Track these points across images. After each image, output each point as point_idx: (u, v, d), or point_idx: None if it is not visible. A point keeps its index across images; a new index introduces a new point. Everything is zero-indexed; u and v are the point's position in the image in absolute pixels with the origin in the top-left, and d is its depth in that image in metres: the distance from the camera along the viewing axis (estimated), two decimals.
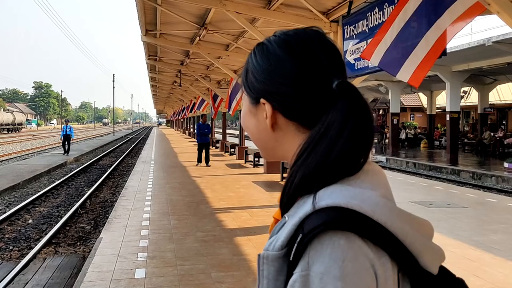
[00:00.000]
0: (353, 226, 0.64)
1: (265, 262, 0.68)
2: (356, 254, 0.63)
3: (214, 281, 4.70)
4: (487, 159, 19.82)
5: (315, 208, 0.66)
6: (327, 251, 0.62)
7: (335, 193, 0.67)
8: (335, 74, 0.78)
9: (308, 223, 0.65)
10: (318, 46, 0.80)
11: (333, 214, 0.64)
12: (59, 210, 10.51)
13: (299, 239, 0.64)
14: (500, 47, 14.99)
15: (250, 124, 0.86)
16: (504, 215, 8.11)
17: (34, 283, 5.76)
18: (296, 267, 0.64)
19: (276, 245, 0.67)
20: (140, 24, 11.64)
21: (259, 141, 0.86)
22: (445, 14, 4.34)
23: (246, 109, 0.87)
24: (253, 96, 0.84)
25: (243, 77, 0.87)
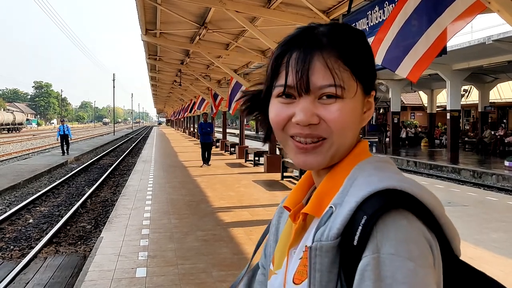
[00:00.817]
0: (410, 207, 0.65)
1: (318, 254, 0.66)
2: (418, 234, 0.64)
3: (215, 280, 4.70)
4: (488, 157, 19.81)
5: (371, 192, 0.66)
6: (392, 232, 0.62)
7: (382, 175, 0.69)
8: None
9: (369, 205, 0.64)
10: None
11: (391, 195, 0.65)
12: (59, 209, 10.52)
13: (364, 221, 0.63)
14: (501, 45, 14.98)
15: (356, 117, 0.77)
16: (504, 214, 8.11)
17: (35, 283, 5.77)
18: (362, 251, 0.63)
19: (330, 234, 0.66)
20: (140, 23, 11.64)
21: (352, 139, 0.78)
22: (446, 12, 4.34)
23: (357, 99, 0.76)
24: (369, 85, 0.79)
25: (353, 59, 0.76)
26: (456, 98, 18.94)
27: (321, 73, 0.73)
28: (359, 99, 0.76)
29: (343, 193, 0.71)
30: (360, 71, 0.76)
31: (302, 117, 0.74)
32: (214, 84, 21.72)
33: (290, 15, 8.78)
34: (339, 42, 0.75)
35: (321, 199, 0.76)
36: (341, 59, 0.74)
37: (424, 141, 27.08)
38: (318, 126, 0.74)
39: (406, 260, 0.61)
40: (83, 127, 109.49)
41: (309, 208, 0.76)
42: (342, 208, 0.67)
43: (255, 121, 28.36)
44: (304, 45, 0.75)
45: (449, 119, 18.43)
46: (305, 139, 0.75)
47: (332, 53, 0.74)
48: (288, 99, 0.76)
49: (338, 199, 0.70)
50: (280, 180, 12.05)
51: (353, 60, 0.75)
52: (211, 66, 18.51)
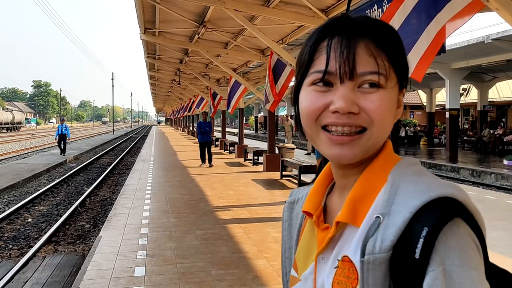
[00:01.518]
0: (462, 214, 0.64)
1: (371, 268, 0.64)
2: (472, 242, 0.63)
3: (214, 278, 4.70)
4: (487, 156, 19.82)
5: (425, 202, 0.64)
6: (453, 242, 0.61)
7: (430, 185, 0.67)
8: None
9: (427, 217, 0.63)
10: None
11: (446, 205, 0.64)
12: (58, 208, 10.51)
13: (426, 233, 0.61)
14: (500, 44, 14.99)
15: (393, 111, 0.75)
16: (503, 212, 8.12)
17: (34, 282, 5.76)
18: (425, 265, 0.61)
19: (383, 246, 0.63)
20: (139, 22, 11.63)
21: (387, 133, 0.75)
22: (445, 9, 4.33)
23: (395, 92, 0.75)
24: (405, 80, 0.77)
25: (398, 55, 0.75)
26: (455, 97, 18.95)
27: (365, 60, 0.70)
28: (396, 92, 0.75)
29: (387, 201, 0.68)
30: (398, 63, 0.74)
31: (342, 104, 0.70)
32: (213, 83, 21.72)
33: (289, 14, 8.78)
34: (380, 32, 0.73)
35: (355, 205, 0.72)
36: (381, 48, 0.72)
37: (423, 140, 27.10)
38: (357, 116, 0.71)
39: (471, 269, 0.60)
40: (82, 126, 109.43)
41: (344, 217, 0.72)
42: (392, 219, 0.65)
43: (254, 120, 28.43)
44: (346, 30, 0.72)
45: (448, 118, 18.44)
46: (342, 129, 0.71)
47: (374, 42, 0.72)
48: (325, 87, 0.73)
49: (385, 209, 0.67)
50: (279, 179, 12.05)
51: (393, 51, 0.74)
52: (210, 65, 18.51)
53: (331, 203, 0.82)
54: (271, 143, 14.37)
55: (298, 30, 10.72)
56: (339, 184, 0.81)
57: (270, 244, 5.97)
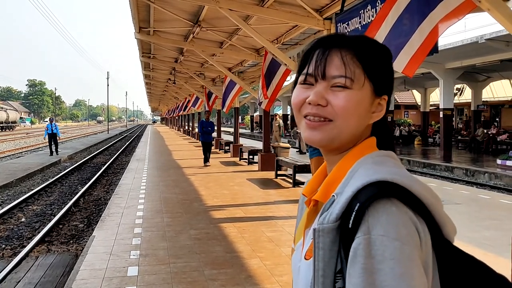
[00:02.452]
0: (399, 196, 0.75)
1: (321, 235, 0.77)
2: (406, 219, 0.74)
3: (207, 278, 4.70)
4: (481, 156, 19.91)
5: (365, 183, 0.76)
6: (383, 216, 0.73)
7: (378, 171, 0.79)
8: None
9: (363, 194, 0.75)
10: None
11: (383, 186, 0.75)
12: (52, 208, 10.47)
13: (357, 207, 0.74)
14: (493, 44, 15.05)
15: (365, 110, 0.89)
16: (496, 212, 8.16)
17: (26, 282, 5.74)
18: (355, 233, 0.73)
19: (330, 218, 0.77)
20: (134, 21, 11.60)
21: (358, 127, 0.89)
22: (438, 8, 4.35)
23: (367, 95, 0.89)
24: (380, 87, 0.91)
25: (371, 63, 0.90)
26: (449, 96, 19.01)
27: (335, 65, 0.87)
28: (366, 94, 0.89)
29: (344, 183, 0.82)
30: (372, 71, 0.89)
31: (313, 98, 0.88)
32: (209, 82, 21.69)
33: (283, 13, 8.79)
34: (357, 44, 0.90)
35: (328, 187, 0.87)
36: (356, 57, 0.88)
37: (418, 139, 27.18)
38: (325, 108, 0.87)
39: (394, 240, 0.71)
40: (77, 126, 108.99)
41: (318, 195, 0.88)
42: (341, 197, 0.79)
43: (249, 120, 28.41)
44: (327, 44, 0.91)
45: (442, 117, 18.50)
46: (313, 117, 0.88)
47: (349, 51, 0.88)
48: (307, 85, 0.91)
49: (340, 189, 0.82)
50: (274, 179, 12.05)
51: (367, 60, 0.89)
52: (205, 64, 18.49)
53: None
54: (266, 143, 14.37)
55: (293, 30, 10.73)
56: (328, 170, 0.96)
57: (264, 243, 5.97)
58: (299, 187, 10.64)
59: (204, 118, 15.82)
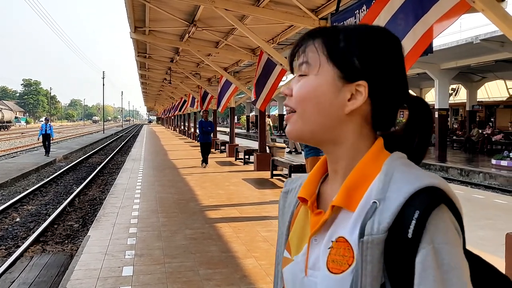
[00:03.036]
0: (446, 201, 0.72)
1: (370, 247, 0.71)
2: (454, 225, 0.72)
3: (202, 278, 4.70)
4: (475, 156, 20.00)
5: (417, 189, 0.72)
6: (441, 224, 0.70)
7: (419, 176, 0.75)
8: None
9: (417, 201, 0.71)
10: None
11: (434, 192, 0.72)
12: (47, 208, 10.44)
13: (419, 215, 0.69)
14: (488, 45, 15.11)
15: (325, 98, 0.82)
16: (491, 211, 8.20)
17: (21, 282, 5.73)
18: (417, 243, 0.69)
19: (381, 228, 0.71)
20: (129, 21, 11.58)
21: (319, 117, 0.82)
22: (432, 10, 4.36)
23: (325, 81, 0.82)
24: (348, 71, 0.82)
25: (330, 44, 0.83)
26: (444, 97, 19.07)
27: (300, 55, 0.85)
28: (325, 80, 0.82)
29: (383, 188, 0.75)
30: (336, 53, 0.82)
31: (282, 89, 0.87)
32: (204, 82, 21.68)
33: (279, 13, 8.79)
34: (332, 31, 0.84)
35: (350, 192, 0.80)
36: (324, 43, 0.83)
37: None
38: (290, 98, 0.85)
39: (455, 247, 0.70)
40: (73, 125, 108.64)
41: (339, 201, 0.80)
42: (388, 203, 0.73)
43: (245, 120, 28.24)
44: (303, 37, 0.87)
45: (437, 117, 18.56)
46: (287, 109, 0.86)
47: (319, 39, 0.84)
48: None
49: (380, 195, 0.75)
50: (270, 179, 12.06)
51: (333, 43, 0.82)
52: (201, 64, 18.47)
53: (324, 191, 0.90)
54: (261, 143, 14.38)
55: (289, 30, 10.74)
56: (330, 168, 0.89)
57: (259, 243, 5.98)
58: None
59: (202, 118, 15.23)
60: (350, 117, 0.82)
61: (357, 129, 0.84)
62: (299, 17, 8.69)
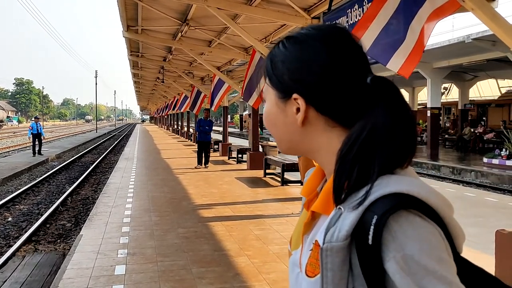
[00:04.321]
0: (418, 207, 0.68)
1: (329, 254, 0.69)
2: (433, 228, 0.68)
3: (195, 276, 4.70)
4: (467, 154, 20.14)
5: (379, 195, 0.68)
6: (410, 229, 0.66)
7: (393, 183, 0.70)
8: (368, 69, 0.81)
9: (378, 207, 0.67)
10: (349, 41, 0.82)
11: (400, 198, 0.68)
12: (39, 207, 10.39)
13: (375, 221, 0.66)
14: (480, 44, 15.20)
15: (277, 119, 0.85)
16: (482, 209, 8.28)
17: (13, 281, 5.70)
18: (379, 250, 0.66)
19: (340, 236, 0.69)
20: (122, 19, 11.55)
21: (284, 135, 0.86)
22: (426, 4, 4.39)
23: (272, 104, 0.86)
24: (283, 89, 0.83)
25: (267, 71, 0.87)
26: (437, 96, 19.18)
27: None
28: (272, 102, 0.86)
29: (353, 196, 0.72)
30: (272, 78, 0.86)
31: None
32: (197, 81, 21.65)
33: (272, 12, 8.81)
34: (270, 57, 0.87)
35: (328, 197, 0.78)
36: (266, 71, 0.87)
37: None
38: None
39: (431, 252, 0.65)
40: (65, 125, 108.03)
41: (317, 206, 0.80)
42: (351, 211, 0.70)
43: (239, 119, 28.08)
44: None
45: (430, 116, 18.67)
46: None
47: (264, 68, 0.89)
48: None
49: (348, 202, 0.72)
50: (263, 177, 12.08)
51: (267, 71, 0.87)
52: (194, 63, 18.45)
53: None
54: (254, 141, 14.39)
55: (281, 29, 10.76)
56: (327, 176, 0.90)
57: (252, 242, 5.99)
58: (288, 185, 10.68)
59: (203, 116, 14.70)
60: (307, 127, 0.82)
61: (324, 134, 0.82)
62: (291, 16, 8.71)
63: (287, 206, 8.28)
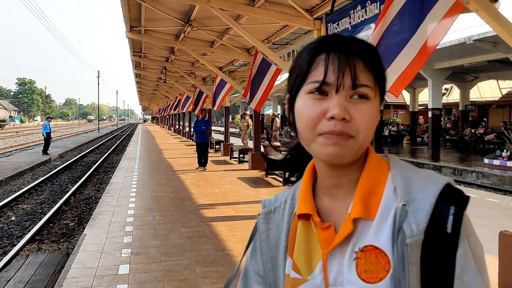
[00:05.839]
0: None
1: (414, 248, 0.73)
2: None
3: (198, 276, 4.74)
4: (468, 155, 20.14)
5: (441, 187, 0.76)
6: (467, 218, 0.74)
7: (429, 174, 0.80)
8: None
9: (450, 197, 0.75)
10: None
11: (457, 189, 0.76)
12: (42, 207, 10.44)
13: (454, 211, 0.73)
14: (481, 45, 15.22)
15: (376, 122, 0.83)
16: (483, 210, 8.29)
17: (17, 280, 5.75)
18: (456, 238, 0.73)
19: (420, 228, 0.73)
20: (125, 20, 11.59)
21: (370, 139, 0.83)
22: (427, 19, 4.37)
23: (377, 104, 0.83)
24: (383, 95, 0.85)
25: (378, 72, 0.83)
26: (438, 96, 19.18)
27: (359, 74, 0.79)
28: (378, 104, 0.83)
29: (406, 191, 0.77)
30: (381, 81, 0.83)
31: (338, 111, 0.77)
32: (199, 81, 21.69)
33: (274, 13, 8.84)
34: (368, 52, 0.82)
35: (365, 200, 0.80)
36: (369, 67, 0.80)
37: (406, 139, 27.39)
38: (348, 124, 0.77)
39: (477, 239, 0.76)
40: (68, 124, 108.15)
41: (358, 212, 0.79)
42: (418, 204, 0.75)
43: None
44: (341, 48, 0.80)
45: (431, 117, 18.68)
46: (337, 137, 0.78)
47: (363, 60, 0.80)
48: (320, 95, 0.79)
49: (406, 197, 0.76)
50: (264, 177, 12.11)
51: (377, 70, 0.82)
52: (196, 63, 18.49)
53: (322, 204, 0.88)
54: (256, 142, 14.43)
55: (283, 29, 10.79)
56: (329, 183, 0.87)
57: None
58: (289, 185, 10.68)
59: (200, 116, 14.53)
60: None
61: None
62: (294, 17, 8.74)
63: None
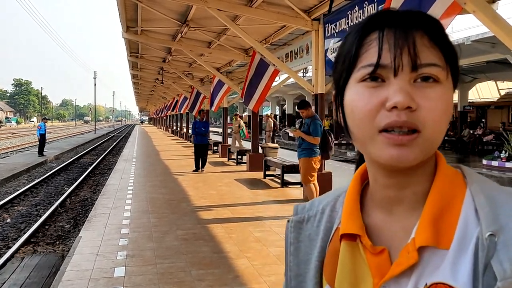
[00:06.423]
0: None
1: None
2: None
3: (194, 278, 4.68)
4: (467, 156, 20.14)
5: None
6: None
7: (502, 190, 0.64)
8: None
9: None
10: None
11: None
12: (38, 209, 10.36)
13: None
14: (479, 46, 15.23)
15: (451, 112, 0.65)
16: None
17: (11, 283, 5.68)
18: None
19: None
20: (121, 20, 11.54)
21: (443, 134, 0.65)
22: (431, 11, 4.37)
23: (451, 88, 0.65)
24: (456, 82, 0.68)
25: (449, 51, 0.65)
26: None
27: (423, 52, 0.62)
28: (451, 89, 0.66)
29: (492, 216, 0.60)
30: (451, 58, 0.66)
31: (401, 99, 0.61)
32: (197, 82, 21.66)
33: (272, 14, 8.81)
34: (433, 26, 0.65)
35: (436, 224, 0.63)
36: (435, 42, 0.64)
37: None
38: (414, 114, 0.61)
39: None
40: (64, 125, 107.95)
41: (427, 239, 0.62)
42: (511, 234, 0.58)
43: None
44: (397, 23, 0.64)
45: None
46: (400, 129, 0.62)
47: (428, 35, 0.64)
48: (374, 82, 0.64)
49: (494, 224, 0.59)
50: (262, 179, 12.06)
51: (447, 47, 0.65)
52: (193, 64, 18.46)
53: (373, 221, 0.72)
54: (254, 143, 14.38)
55: (281, 30, 10.77)
56: (387, 197, 0.70)
57: (252, 244, 5.97)
58: (288, 187, 10.66)
59: (198, 118, 14.21)
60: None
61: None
62: (291, 18, 8.71)
63: (287, 207, 8.26)
